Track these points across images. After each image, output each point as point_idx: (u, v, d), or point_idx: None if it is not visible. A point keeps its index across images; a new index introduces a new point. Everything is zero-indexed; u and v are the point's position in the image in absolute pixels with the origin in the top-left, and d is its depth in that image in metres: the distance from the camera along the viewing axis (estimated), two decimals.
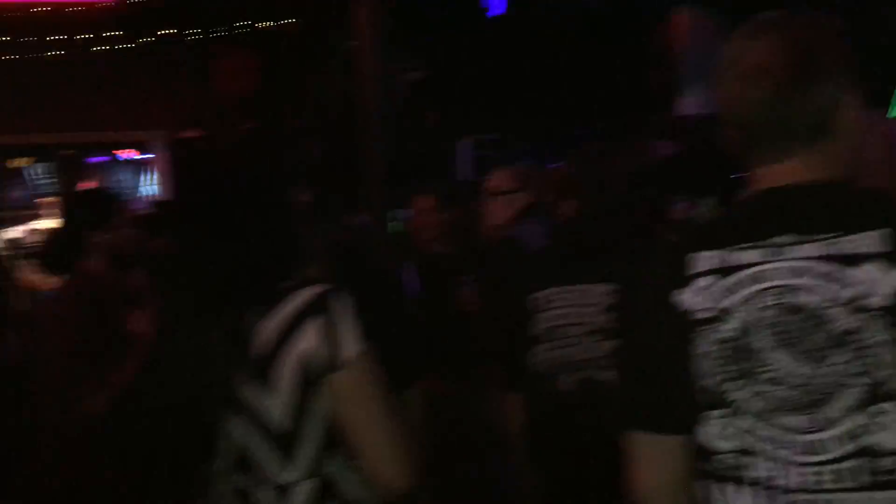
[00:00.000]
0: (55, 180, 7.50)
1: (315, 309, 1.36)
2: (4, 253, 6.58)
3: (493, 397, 2.63)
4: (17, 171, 7.47)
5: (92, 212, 2.69)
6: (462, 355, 3.04)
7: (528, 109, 7.18)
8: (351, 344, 1.37)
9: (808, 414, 1.03)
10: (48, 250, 2.95)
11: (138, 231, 2.93)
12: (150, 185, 7.38)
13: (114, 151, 7.48)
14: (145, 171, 7.46)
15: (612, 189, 2.47)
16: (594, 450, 2.11)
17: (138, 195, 7.33)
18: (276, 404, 1.35)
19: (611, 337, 2.14)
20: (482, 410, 2.95)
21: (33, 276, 4.81)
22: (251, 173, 1.42)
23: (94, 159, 7.47)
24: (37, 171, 7.55)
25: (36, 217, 7.27)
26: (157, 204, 6.79)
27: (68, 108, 6.86)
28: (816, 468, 1.02)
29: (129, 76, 6.89)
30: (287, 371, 1.35)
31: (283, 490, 1.38)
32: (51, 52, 6.60)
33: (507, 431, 2.41)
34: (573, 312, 2.19)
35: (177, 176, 1.89)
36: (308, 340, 1.34)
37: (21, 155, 7.36)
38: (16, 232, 7.17)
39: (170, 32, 6.83)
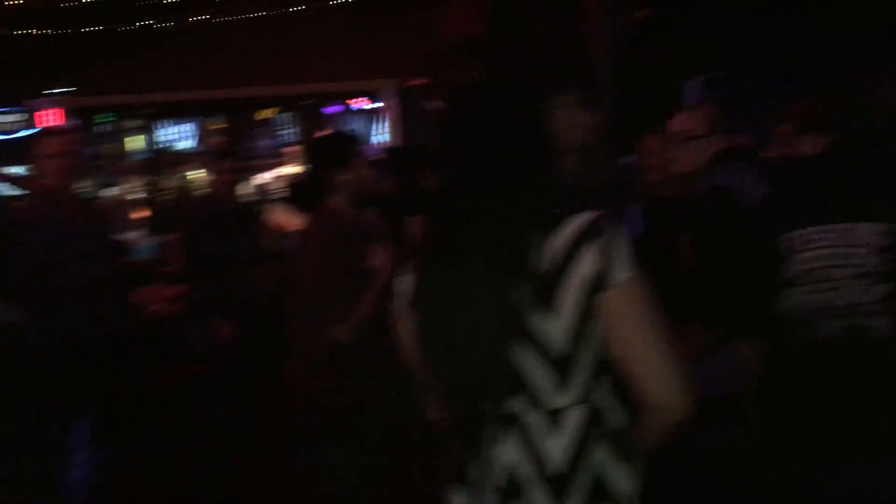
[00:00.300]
0: (296, 129, 8.04)
1: (592, 232, 1.36)
2: (255, 198, 7.18)
3: (715, 346, 2.50)
4: (264, 122, 8.09)
5: (334, 153, 2.84)
6: (681, 302, 2.90)
7: (762, 44, 6.69)
8: (625, 267, 1.36)
9: None
10: (296, 190, 3.17)
11: (374, 172, 3.07)
12: (380, 133, 7.71)
13: (347, 101, 7.87)
14: (376, 119, 7.80)
15: (873, 121, 2.24)
16: (857, 402, 1.96)
17: (370, 142, 7.69)
18: (557, 327, 1.36)
19: (884, 280, 1.96)
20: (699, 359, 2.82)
21: (280, 218, 5.22)
22: (517, 107, 1.43)
23: (330, 109, 7.91)
24: (280, 122, 8.13)
25: (281, 164, 7.86)
26: (388, 149, 7.10)
27: (306, 60, 7.30)
28: None
29: (362, 27, 7.19)
30: (569, 294, 1.35)
31: (554, 415, 1.39)
32: (292, 8, 7.02)
33: (740, 382, 2.28)
34: (837, 253, 2.00)
35: (444, 115, 1.94)
36: (587, 263, 1.35)
37: (267, 106, 7.96)
38: (264, 178, 7.80)
39: None
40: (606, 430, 1.41)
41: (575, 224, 1.38)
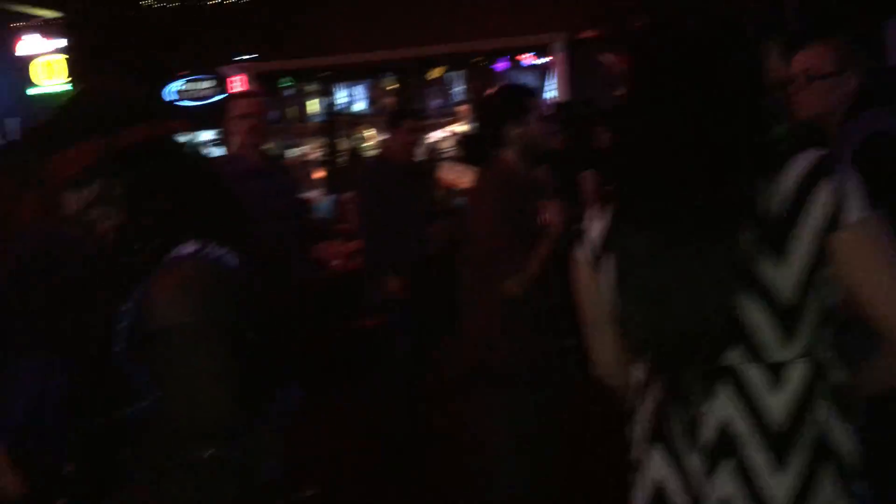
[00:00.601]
0: (466, 88, 8.08)
1: (823, 171, 1.26)
2: (426, 156, 7.32)
3: None
4: (434, 81, 8.18)
5: (508, 106, 2.83)
6: None
7: None
8: (860, 205, 1.26)
9: None
10: (467, 146, 3.19)
11: (548, 126, 3.02)
12: (550, 88, 7.60)
13: (517, 57, 7.81)
14: (546, 75, 7.70)
15: None
16: None
17: (541, 97, 7.60)
18: (787, 275, 1.27)
19: None
20: None
21: (451, 175, 5.29)
22: (731, 52, 1.34)
23: (499, 66, 7.88)
24: (450, 80, 8.20)
25: (451, 123, 7.95)
26: (558, 105, 7.00)
27: (475, 17, 7.31)
28: None
29: None
30: (801, 237, 1.26)
31: (776, 368, 1.30)
32: None
33: None
34: None
35: (635, 62, 1.84)
36: (821, 203, 1.25)
37: (437, 66, 8.04)
38: (435, 137, 7.93)
39: None
40: (830, 385, 1.31)
41: (803, 163, 1.28)
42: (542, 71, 7.75)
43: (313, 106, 8.35)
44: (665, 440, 1.39)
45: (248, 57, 7.90)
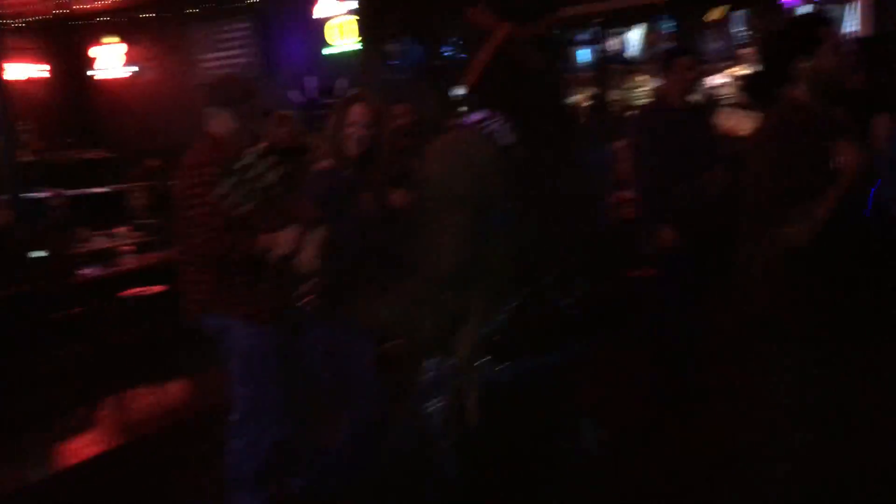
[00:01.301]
0: (750, 28, 7.53)
1: None
2: (704, 102, 6.96)
3: None
4: (716, 22, 7.70)
5: (800, 37, 2.57)
6: None
7: None
8: None
9: None
10: (750, 85, 2.96)
11: (846, 60, 2.72)
12: (852, 22, 6.84)
13: None
14: (847, 8, 6.94)
15: None
16: None
17: (839, 30, 6.88)
18: None
19: None
20: None
21: (731, 122, 5.00)
22: None
23: (789, 1, 7.22)
24: (732, 21, 7.68)
25: (733, 67, 7.47)
26: (859, 40, 6.29)
27: None
28: None
29: None
30: None
31: None
32: None
33: None
34: None
35: None
36: None
37: (719, 5, 7.55)
38: (714, 82, 7.49)
39: None
40: None
41: None
42: (841, 3, 6.98)
43: (585, 55, 8.25)
44: None
45: None
